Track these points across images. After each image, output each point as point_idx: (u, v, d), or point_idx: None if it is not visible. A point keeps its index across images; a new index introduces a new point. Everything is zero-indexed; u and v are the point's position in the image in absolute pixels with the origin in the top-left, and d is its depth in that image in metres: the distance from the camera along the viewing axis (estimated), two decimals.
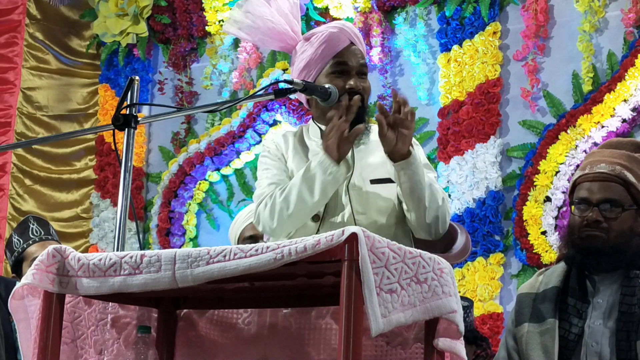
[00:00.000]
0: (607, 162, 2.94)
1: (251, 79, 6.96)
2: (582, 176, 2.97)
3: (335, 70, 2.97)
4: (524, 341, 2.96)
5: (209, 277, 2.03)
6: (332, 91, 2.91)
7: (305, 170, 2.83)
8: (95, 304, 2.41)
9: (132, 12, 7.32)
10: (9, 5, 7.56)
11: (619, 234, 2.89)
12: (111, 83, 7.49)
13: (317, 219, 2.89)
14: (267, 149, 3.05)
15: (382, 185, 2.93)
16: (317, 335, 2.38)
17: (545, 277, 3.04)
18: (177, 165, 7.03)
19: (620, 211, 2.89)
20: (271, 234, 2.94)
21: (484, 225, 5.97)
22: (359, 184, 2.92)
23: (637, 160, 2.95)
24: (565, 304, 2.94)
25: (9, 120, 7.41)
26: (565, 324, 2.91)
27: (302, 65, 3.03)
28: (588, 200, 2.93)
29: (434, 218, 2.86)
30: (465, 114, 6.13)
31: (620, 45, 5.82)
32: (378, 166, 2.95)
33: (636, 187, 2.91)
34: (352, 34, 3.02)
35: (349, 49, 2.99)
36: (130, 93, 2.63)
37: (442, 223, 2.89)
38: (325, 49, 2.98)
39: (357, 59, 2.99)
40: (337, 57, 2.98)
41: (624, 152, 2.97)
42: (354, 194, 2.90)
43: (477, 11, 6.21)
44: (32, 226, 4.27)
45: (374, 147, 2.98)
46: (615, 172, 2.92)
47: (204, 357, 2.46)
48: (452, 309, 2.09)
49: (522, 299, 3.04)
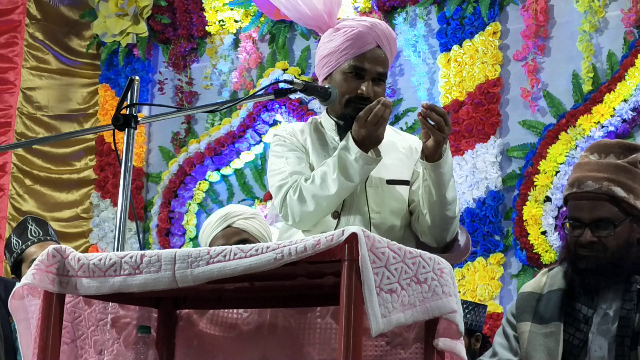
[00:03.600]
0: (593, 179, 2.91)
1: (251, 79, 6.96)
2: (571, 194, 2.96)
3: (352, 71, 2.95)
4: (525, 339, 2.96)
5: (209, 277, 2.03)
6: (332, 92, 2.90)
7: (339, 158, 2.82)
8: (95, 304, 2.41)
9: (132, 12, 7.32)
10: (9, 5, 7.56)
11: (616, 249, 2.88)
12: (111, 83, 7.50)
13: (337, 216, 2.89)
14: (282, 139, 3.02)
15: (397, 187, 2.94)
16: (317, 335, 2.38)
17: (549, 278, 3.03)
18: (177, 165, 7.03)
19: (613, 228, 2.88)
20: (299, 222, 2.89)
21: (484, 225, 5.97)
22: (376, 183, 2.93)
23: (624, 169, 2.92)
24: (570, 307, 2.94)
25: (9, 120, 7.41)
26: (570, 329, 2.91)
27: (324, 54, 3.01)
28: (580, 220, 2.92)
29: (446, 226, 2.86)
30: (465, 114, 6.13)
31: (620, 45, 5.82)
32: (394, 167, 2.96)
33: (626, 201, 2.89)
34: (381, 36, 2.98)
35: (372, 52, 2.96)
36: (130, 93, 2.63)
37: (451, 233, 2.89)
38: (350, 46, 2.95)
39: (377, 64, 2.96)
40: (357, 59, 2.95)
41: (610, 161, 2.94)
42: (371, 192, 2.92)
43: (477, 11, 6.21)
44: (30, 227, 4.27)
45: (388, 148, 2.98)
46: (602, 190, 2.90)
47: (204, 357, 2.46)
48: (452, 309, 2.09)
49: (525, 297, 3.03)
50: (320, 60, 3.02)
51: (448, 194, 2.84)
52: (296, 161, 2.95)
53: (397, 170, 2.96)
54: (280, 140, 3.02)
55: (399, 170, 2.96)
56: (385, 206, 2.92)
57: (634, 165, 2.94)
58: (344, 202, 2.90)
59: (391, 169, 2.96)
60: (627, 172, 2.91)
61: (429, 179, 2.83)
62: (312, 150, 3.00)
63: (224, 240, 3.39)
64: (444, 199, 2.83)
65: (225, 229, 3.43)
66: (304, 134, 3.03)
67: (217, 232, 3.44)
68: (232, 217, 3.44)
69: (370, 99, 2.92)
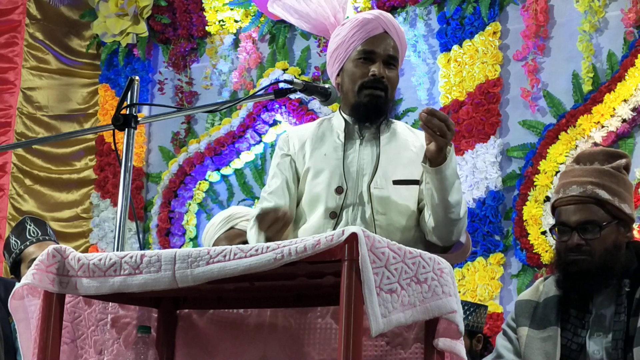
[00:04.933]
0: (578, 184, 2.94)
1: (251, 79, 6.96)
2: (557, 200, 2.99)
3: (362, 57, 2.93)
4: (523, 343, 2.97)
5: (209, 277, 2.03)
6: (332, 91, 2.88)
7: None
8: (95, 304, 2.41)
9: (132, 12, 7.32)
10: (9, 5, 7.56)
11: (603, 252, 2.89)
12: (111, 83, 7.50)
13: (334, 216, 2.87)
14: (278, 146, 3.04)
15: (405, 187, 2.90)
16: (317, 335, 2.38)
17: (545, 286, 3.04)
18: (177, 165, 7.03)
19: (599, 230, 2.90)
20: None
21: (484, 225, 5.97)
22: (381, 184, 2.88)
23: (609, 174, 2.94)
24: (567, 314, 2.95)
25: (9, 120, 7.41)
26: (567, 334, 2.92)
27: (333, 48, 2.99)
28: (566, 224, 2.94)
29: (450, 228, 2.84)
30: (465, 114, 6.13)
31: (620, 45, 5.82)
32: (403, 167, 2.92)
33: (611, 203, 2.91)
34: (387, 23, 2.96)
35: (380, 37, 2.94)
36: (130, 93, 2.63)
37: (457, 234, 2.87)
38: (357, 33, 2.94)
39: (387, 47, 2.93)
40: (365, 43, 2.93)
41: (595, 167, 2.96)
42: (376, 193, 2.87)
43: (477, 11, 6.21)
44: (29, 227, 4.26)
45: (400, 146, 2.95)
46: (587, 193, 2.92)
47: (204, 357, 2.46)
48: (452, 309, 2.09)
49: (523, 304, 3.05)
50: (331, 57, 3.00)
51: (451, 197, 2.80)
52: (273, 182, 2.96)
53: (406, 170, 2.91)
54: (277, 147, 3.05)
55: (408, 170, 2.91)
56: (392, 207, 2.88)
57: (618, 170, 2.96)
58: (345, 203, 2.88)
59: (399, 168, 2.92)
60: (611, 176, 2.94)
61: (431, 182, 2.78)
62: (309, 150, 2.98)
63: (227, 242, 3.42)
64: (447, 203, 2.79)
65: (229, 230, 3.45)
66: (303, 137, 3.01)
67: (220, 234, 3.48)
68: (235, 219, 3.47)
69: (384, 81, 2.90)
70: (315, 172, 2.93)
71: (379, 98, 2.91)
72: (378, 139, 2.95)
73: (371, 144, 2.95)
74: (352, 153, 2.94)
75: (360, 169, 2.91)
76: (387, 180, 2.89)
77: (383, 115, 2.96)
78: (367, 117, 2.94)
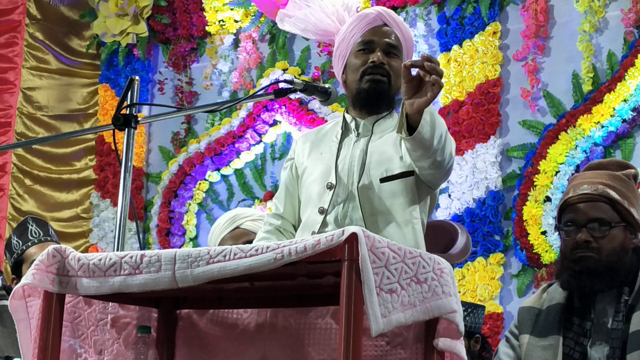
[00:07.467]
0: (589, 183, 2.95)
1: (251, 79, 6.96)
2: (566, 200, 2.99)
3: (361, 47, 2.93)
4: (523, 350, 2.97)
5: (209, 277, 2.03)
6: (332, 91, 2.88)
7: None
8: (95, 304, 2.41)
9: (132, 12, 7.32)
10: (9, 5, 7.56)
11: (610, 252, 2.89)
12: (111, 83, 7.50)
13: (323, 212, 2.85)
14: (289, 154, 3.10)
15: (393, 183, 2.84)
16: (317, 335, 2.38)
17: (548, 294, 3.04)
18: (177, 165, 7.03)
19: (609, 229, 2.90)
20: None
21: (484, 225, 5.97)
22: (368, 184, 2.85)
23: (619, 178, 2.96)
24: (569, 322, 2.94)
25: (9, 120, 7.42)
26: (570, 342, 2.92)
27: (336, 46, 3.01)
28: (576, 222, 2.94)
29: (439, 166, 2.75)
30: (465, 114, 6.13)
31: (620, 45, 5.82)
32: (390, 160, 2.87)
33: (621, 204, 2.91)
34: (387, 17, 2.96)
35: (380, 28, 2.95)
36: (130, 93, 2.63)
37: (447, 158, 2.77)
38: (356, 27, 2.95)
39: (386, 36, 2.93)
40: (364, 35, 2.94)
41: (607, 172, 2.99)
42: (364, 193, 2.84)
43: (477, 11, 6.21)
44: (31, 227, 4.26)
45: (389, 137, 2.90)
46: (598, 192, 2.93)
47: (204, 357, 2.46)
48: (452, 309, 2.09)
49: (525, 312, 3.04)
50: (335, 55, 3.02)
51: (434, 146, 2.67)
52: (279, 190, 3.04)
53: (393, 163, 2.86)
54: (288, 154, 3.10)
55: (395, 162, 2.86)
56: (382, 206, 2.83)
57: (628, 177, 2.99)
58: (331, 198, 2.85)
59: (387, 162, 2.87)
60: (622, 181, 2.96)
61: (411, 147, 2.70)
62: (309, 150, 2.99)
63: (233, 241, 3.45)
64: (429, 152, 2.69)
65: (234, 230, 3.50)
66: (308, 139, 3.03)
67: (225, 234, 3.51)
68: (241, 219, 3.52)
69: (385, 67, 2.89)
70: (311, 170, 2.94)
71: (381, 83, 2.89)
72: (371, 134, 2.93)
73: (364, 140, 2.92)
74: (346, 150, 2.92)
75: (351, 166, 2.89)
76: (374, 179, 2.85)
77: (384, 101, 2.93)
78: (368, 104, 2.93)
